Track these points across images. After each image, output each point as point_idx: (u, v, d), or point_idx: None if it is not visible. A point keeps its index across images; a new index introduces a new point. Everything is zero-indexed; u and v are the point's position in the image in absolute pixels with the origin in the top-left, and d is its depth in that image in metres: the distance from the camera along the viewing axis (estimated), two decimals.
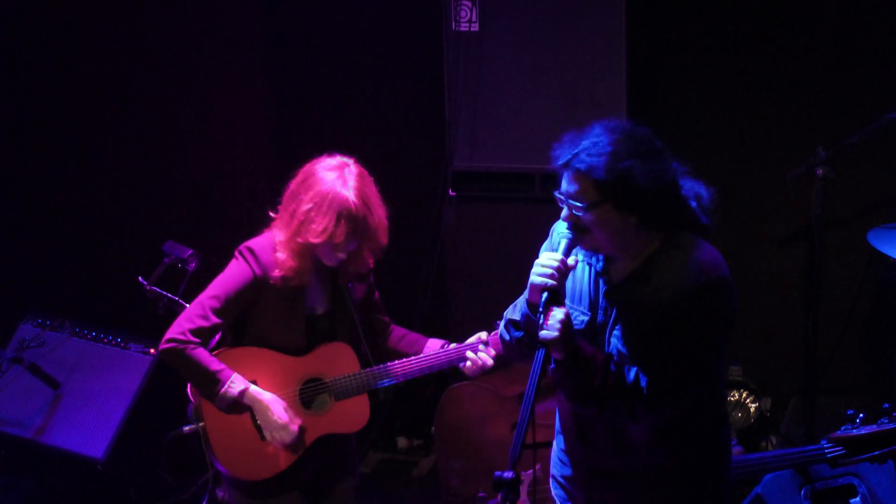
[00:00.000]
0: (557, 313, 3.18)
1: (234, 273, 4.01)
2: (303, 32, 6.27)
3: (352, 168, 4.02)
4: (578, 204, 3.21)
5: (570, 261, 3.27)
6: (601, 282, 3.36)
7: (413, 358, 4.12)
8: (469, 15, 5.48)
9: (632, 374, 3.23)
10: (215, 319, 3.97)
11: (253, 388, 4.00)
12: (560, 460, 3.60)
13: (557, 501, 3.61)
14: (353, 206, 3.91)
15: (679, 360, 3.23)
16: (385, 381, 4.09)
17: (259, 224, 4.28)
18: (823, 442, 4.07)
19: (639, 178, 3.16)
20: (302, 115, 6.39)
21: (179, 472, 5.29)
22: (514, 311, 3.42)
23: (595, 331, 3.35)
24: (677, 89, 5.99)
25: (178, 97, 6.14)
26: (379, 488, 5.95)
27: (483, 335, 4.12)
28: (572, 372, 3.23)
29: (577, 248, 3.31)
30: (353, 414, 4.08)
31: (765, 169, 5.92)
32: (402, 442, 6.24)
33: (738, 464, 4.29)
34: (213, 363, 3.97)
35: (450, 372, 5.83)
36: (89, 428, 5.28)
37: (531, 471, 4.37)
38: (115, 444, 5.22)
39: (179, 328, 3.96)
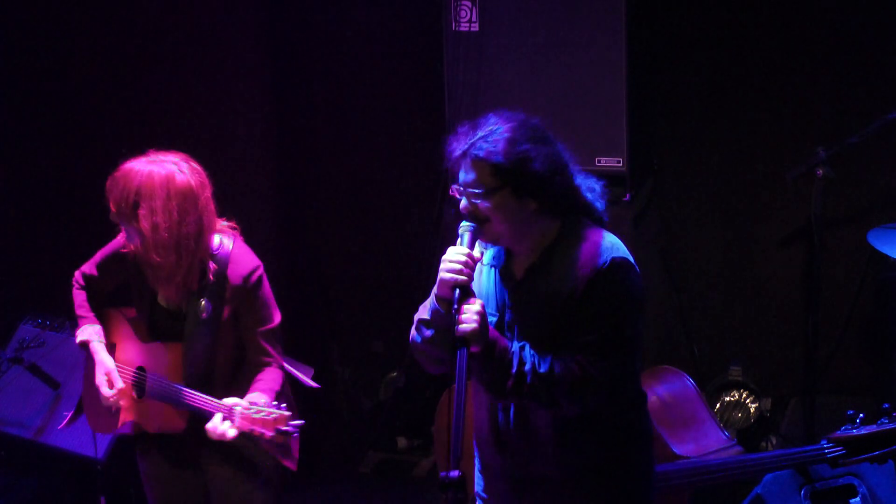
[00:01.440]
0: (473, 306, 3.19)
1: (113, 240, 4.14)
2: (303, 32, 6.27)
3: (168, 164, 3.93)
4: (477, 191, 3.25)
5: (476, 252, 3.28)
6: (504, 281, 3.37)
7: (193, 393, 3.94)
8: (469, 15, 5.48)
9: (546, 363, 3.23)
10: (94, 272, 4.19)
11: (94, 345, 4.12)
12: (479, 474, 3.60)
13: None
14: (124, 163, 3.94)
15: (594, 346, 3.23)
16: (174, 401, 3.98)
17: (259, 224, 4.29)
18: (823, 442, 4.08)
19: (536, 162, 3.23)
20: (302, 114, 6.39)
21: None
22: (424, 311, 3.40)
23: (504, 330, 3.36)
24: (677, 89, 5.98)
25: (178, 97, 6.15)
26: (379, 488, 5.95)
27: (238, 406, 3.85)
28: (489, 364, 3.23)
29: (479, 240, 3.33)
30: (150, 414, 4.06)
31: (765, 169, 5.92)
32: (402, 442, 6.24)
33: (738, 464, 4.30)
34: (81, 308, 4.20)
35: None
36: (89, 428, 5.27)
37: None
38: (114, 444, 5.22)
39: (81, 267, 4.23)
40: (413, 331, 3.42)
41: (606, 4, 5.35)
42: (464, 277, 3.20)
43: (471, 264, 3.23)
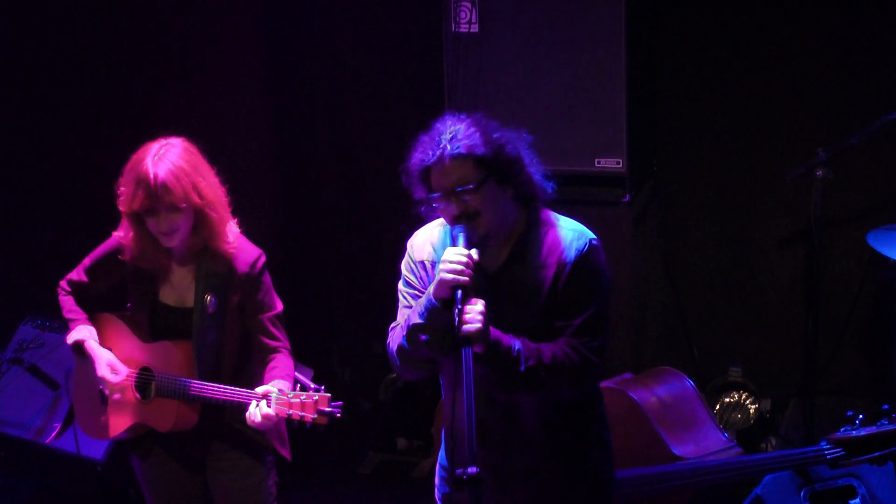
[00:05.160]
0: (476, 306, 3.20)
1: (107, 240, 4.13)
2: (303, 34, 6.27)
3: (171, 144, 3.94)
4: (466, 188, 3.26)
5: (474, 253, 3.26)
6: (480, 274, 3.36)
7: (218, 387, 3.95)
8: (469, 16, 5.48)
9: (547, 353, 3.27)
10: (84, 277, 4.17)
11: (90, 343, 4.11)
12: (443, 478, 3.60)
13: None
14: (148, 171, 3.86)
15: (585, 328, 3.29)
16: (193, 397, 3.97)
17: (258, 225, 4.28)
18: (823, 443, 4.08)
19: (508, 147, 3.30)
20: (302, 116, 6.39)
21: None
22: (415, 316, 3.32)
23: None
24: (677, 90, 5.99)
25: (178, 98, 6.15)
26: (379, 489, 5.95)
27: (272, 389, 3.86)
28: (497, 362, 3.24)
29: (469, 238, 3.31)
30: (161, 414, 4.04)
31: (765, 169, 5.92)
32: (401, 442, 6.24)
33: (738, 465, 4.30)
34: (71, 312, 4.18)
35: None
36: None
37: None
38: (114, 445, 5.21)
39: (67, 276, 4.21)
40: (399, 339, 3.37)
41: (606, 5, 5.35)
42: (465, 278, 3.20)
43: (470, 264, 3.23)
